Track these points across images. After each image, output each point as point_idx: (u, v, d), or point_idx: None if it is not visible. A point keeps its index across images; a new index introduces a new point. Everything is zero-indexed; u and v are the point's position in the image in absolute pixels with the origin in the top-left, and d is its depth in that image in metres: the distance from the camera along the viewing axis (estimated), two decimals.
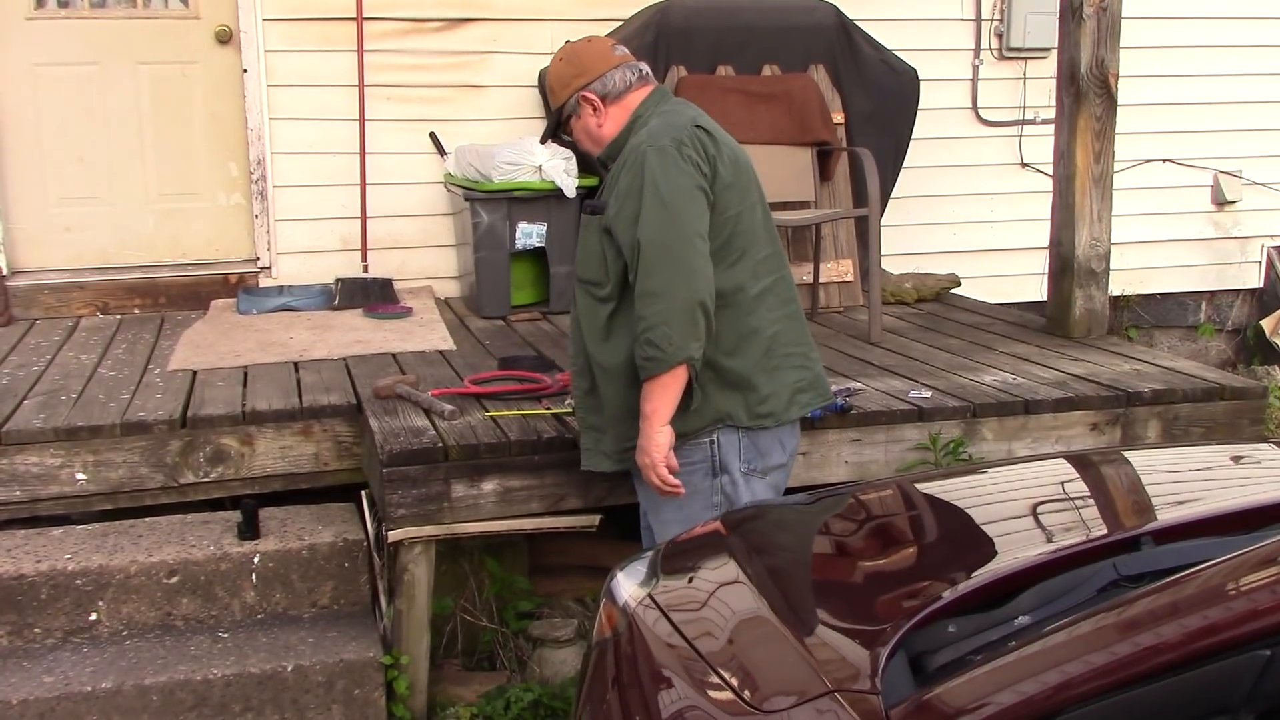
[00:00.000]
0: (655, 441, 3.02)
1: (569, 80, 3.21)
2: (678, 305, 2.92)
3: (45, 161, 5.64)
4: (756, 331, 3.11)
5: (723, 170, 3.04)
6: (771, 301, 3.15)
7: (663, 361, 2.95)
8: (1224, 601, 1.69)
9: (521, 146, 5.33)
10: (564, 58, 3.26)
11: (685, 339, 2.93)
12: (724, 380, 3.10)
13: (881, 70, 5.79)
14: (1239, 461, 3.00)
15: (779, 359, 3.16)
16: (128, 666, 3.44)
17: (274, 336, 4.98)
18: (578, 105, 3.19)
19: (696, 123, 3.07)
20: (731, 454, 3.13)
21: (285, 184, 5.74)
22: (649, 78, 3.24)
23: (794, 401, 3.20)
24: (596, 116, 3.19)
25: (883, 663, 1.86)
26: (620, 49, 3.27)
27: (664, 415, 3.01)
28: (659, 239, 2.94)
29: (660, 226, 2.95)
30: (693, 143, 3.01)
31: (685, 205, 2.96)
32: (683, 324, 2.93)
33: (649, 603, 2.31)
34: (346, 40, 5.66)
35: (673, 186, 2.96)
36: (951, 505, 2.78)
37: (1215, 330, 7.19)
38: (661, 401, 3.00)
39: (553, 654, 3.93)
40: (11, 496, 3.84)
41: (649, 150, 3.00)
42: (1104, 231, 4.94)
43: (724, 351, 3.08)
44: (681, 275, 2.93)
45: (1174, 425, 4.19)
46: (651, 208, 2.96)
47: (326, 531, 3.82)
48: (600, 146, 3.23)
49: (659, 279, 2.94)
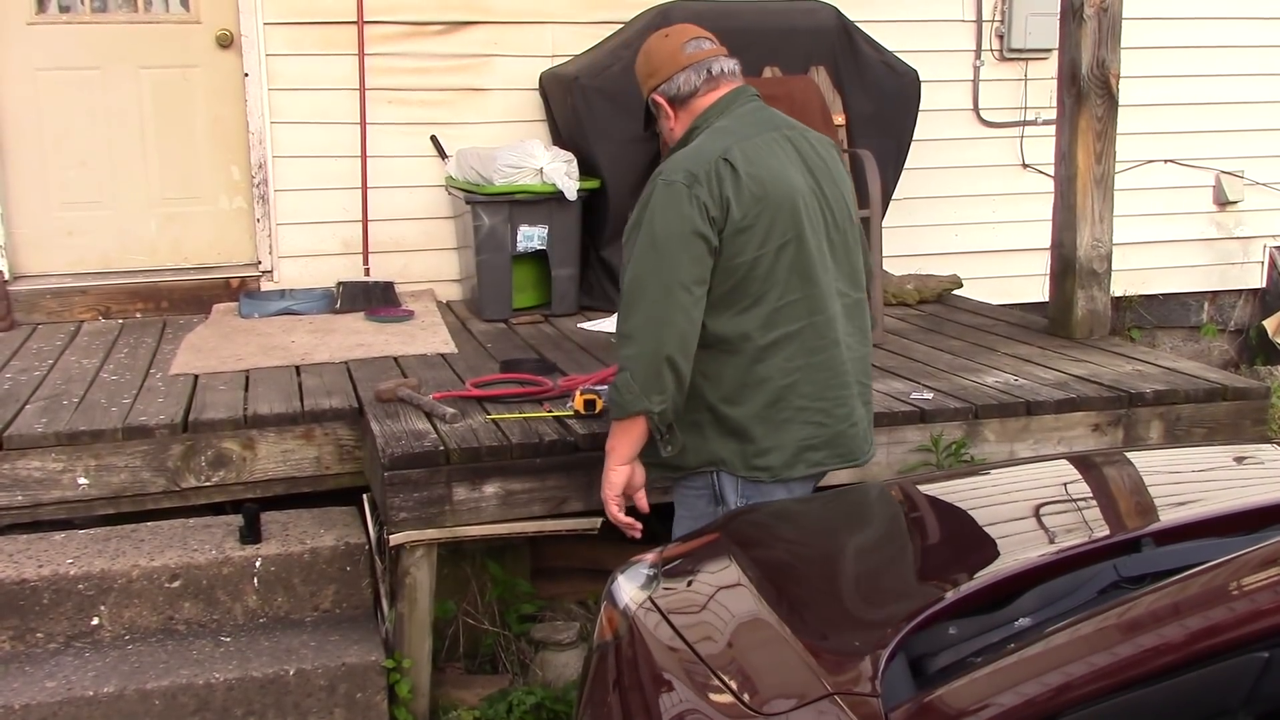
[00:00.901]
0: (608, 479, 3.03)
1: (643, 80, 3.14)
2: (644, 355, 2.85)
3: (47, 166, 5.65)
4: (764, 381, 2.95)
5: (736, 212, 2.86)
6: (791, 351, 2.95)
7: (620, 406, 2.91)
8: (1224, 603, 1.69)
9: (523, 149, 5.33)
10: (642, 53, 3.16)
11: (646, 391, 2.85)
12: (722, 426, 3.00)
13: (883, 72, 5.79)
14: (1241, 462, 2.99)
15: (790, 412, 2.97)
16: (130, 671, 3.44)
17: (275, 340, 4.98)
18: (654, 107, 3.12)
19: (726, 154, 2.89)
20: (730, 489, 3.04)
21: (287, 188, 5.74)
22: (721, 78, 3.07)
23: (800, 459, 3.01)
24: (668, 120, 3.11)
25: (883, 665, 1.86)
26: (694, 44, 3.10)
27: (621, 455, 2.99)
28: (641, 280, 2.87)
29: (644, 268, 2.86)
30: (708, 180, 2.85)
31: (675, 250, 2.84)
32: (645, 376, 2.85)
33: (650, 606, 2.31)
34: (347, 44, 5.66)
35: (667, 229, 2.84)
36: (953, 507, 2.79)
37: (1218, 330, 7.18)
38: (619, 441, 2.99)
39: (555, 657, 3.93)
40: (13, 501, 3.85)
41: (660, 183, 2.89)
42: (1106, 232, 4.93)
43: (723, 398, 2.97)
44: (653, 325, 2.84)
45: (1176, 426, 4.18)
46: (643, 248, 2.87)
47: (328, 535, 3.82)
48: (671, 141, 3.16)
49: (633, 322, 2.87)
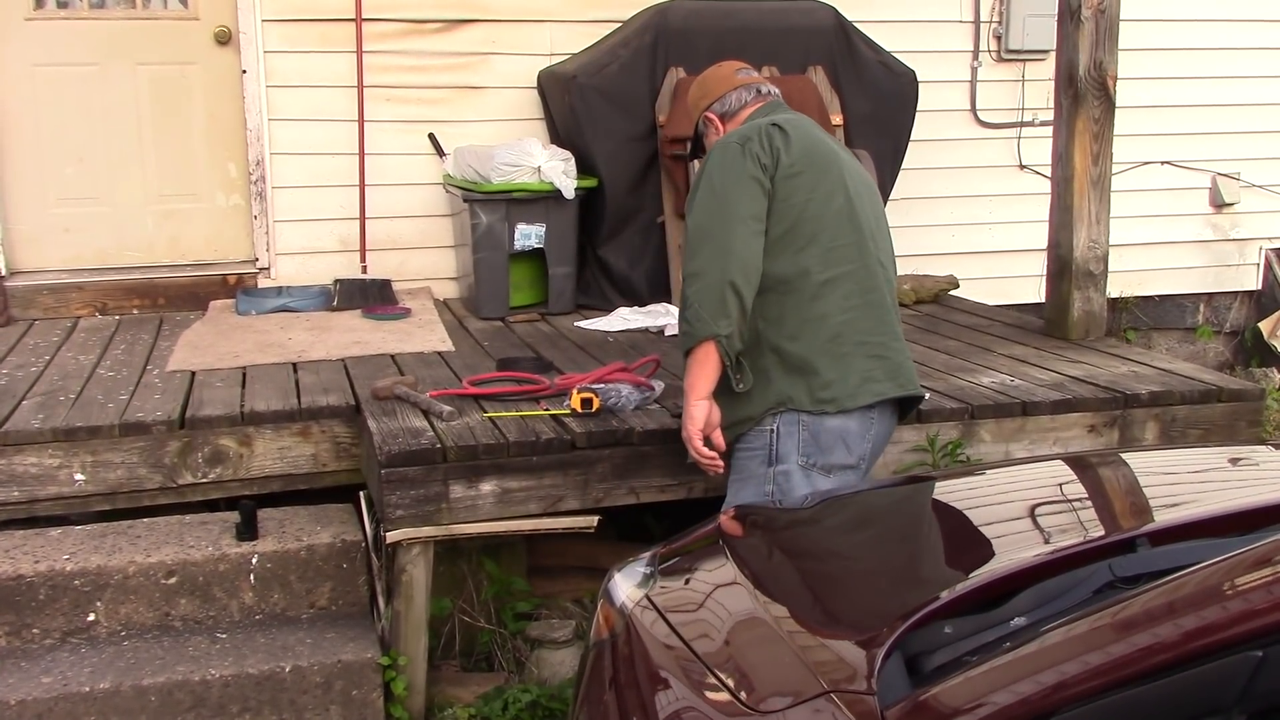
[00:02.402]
0: (690, 414, 3.17)
1: (698, 102, 3.51)
2: (710, 284, 3.07)
3: (44, 162, 5.65)
4: (824, 317, 3.18)
5: (786, 160, 3.15)
6: (847, 289, 3.20)
7: (690, 335, 3.11)
8: (1218, 602, 1.70)
9: (520, 148, 5.33)
10: (697, 82, 3.56)
11: (714, 316, 3.06)
12: (787, 364, 3.19)
13: (880, 72, 5.79)
14: (1236, 464, 3.00)
15: (850, 346, 3.20)
16: (126, 667, 3.44)
17: (272, 337, 4.98)
18: (705, 124, 3.48)
19: (774, 121, 3.23)
20: (790, 445, 3.20)
21: (284, 185, 5.74)
22: (764, 95, 3.45)
23: (863, 389, 3.20)
24: (718, 134, 3.43)
25: (879, 663, 1.87)
26: (744, 71, 3.51)
27: (700, 390, 3.15)
28: (703, 223, 3.14)
29: (706, 212, 3.14)
30: (759, 137, 3.17)
31: (732, 191, 3.12)
32: (712, 302, 3.06)
33: (646, 604, 2.32)
34: (345, 41, 5.66)
35: (725, 176, 3.14)
36: (949, 507, 2.79)
37: (1213, 332, 7.20)
38: (696, 377, 3.15)
39: (551, 655, 3.93)
40: (10, 497, 3.85)
41: (716, 147, 3.25)
42: (1102, 233, 4.94)
43: (787, 335, 3.19)
44: (717, 256, 3.09)
45: (1172, 427, 4.19)
46: (704, 195, 3.17)
47: (325, 532, 3.82)
48: None
49: (699, 260, 3.11)
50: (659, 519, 4.20)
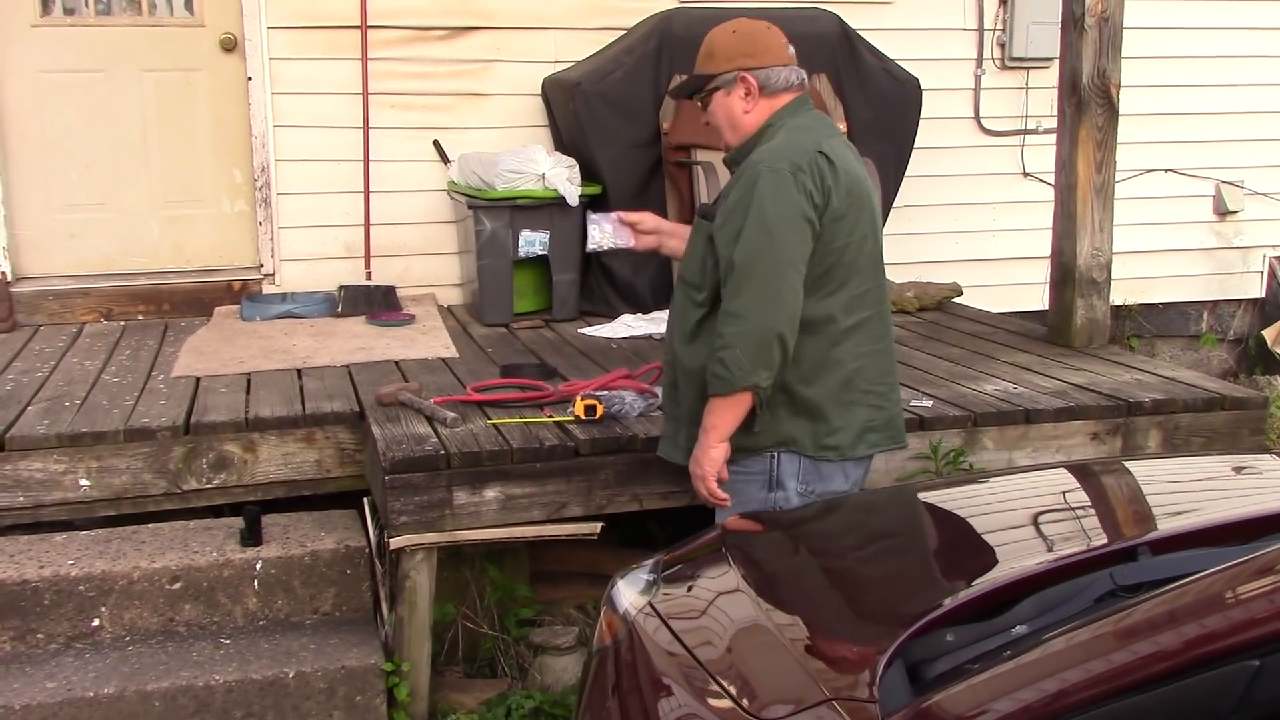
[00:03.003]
0: (709, 455, 3.04)
1: (735, 55, 3.13)
2: (754, 331, 2.93)
3: (50, 168, 5.66)
4: (839, 363, 3.09)
5: (836, 201, 2.99)
6: (861, 336, 3.12)
7: (728, 383, 2.96)
8: (1218, 611, 1.70)
9: (525, 154, 5.34)
10: (738, 32, 3.18)
11: (754, 366, 2.93)
12: (796, 406, 3.09)
13: (884, 79, 5.80)
14: (1239, 472, 3.00)
15: (856, 394, 3.12)
16: (130, 672, 3.45)
17: (277, 343, 4.99)
18: (734, 82, 3.12)
19: (820, 148, 3.02)
20: (789, 473, 3.12)
21: (289, 191, 5.75)
22: (803, 86, 3.19)
23: (862, 439, 3.15)
24: (746, 102, 3.13)
25: (880, 671, 1.87)
26: (791, 49, 3.20)
27: (723, 432, 3.03)
28: (752, 262, 2.94)
29: (756, 249, 2.94)
30: (811, 169, 2.97)
31: (786, 233, 2.94)
32: (755, 351, 2.93)
33: (649, 611, 2.32)
34: (350, 48, 5.67)
35: (778, 212, 2.94)
36: (951, 514, 2.80)
37: (1217, 340, 7.19)
38: (722, 419, 3.02)
39: (554, 661, 3.93)
40: (15, 502, 3.85)
41: (764, 170, 2.97)
42: (1105, 241, 4.94)
43: (801, 378, 3.07)
44: (765, 303, 2.94)
45: (1175, 435, 4.19)
46: (753, 229, 2.95)
47: (329, 538, 3.83)
48: (735, 132, 3.17)
49: (743, 301, 2.95)
50: (662, 526, 4.20)
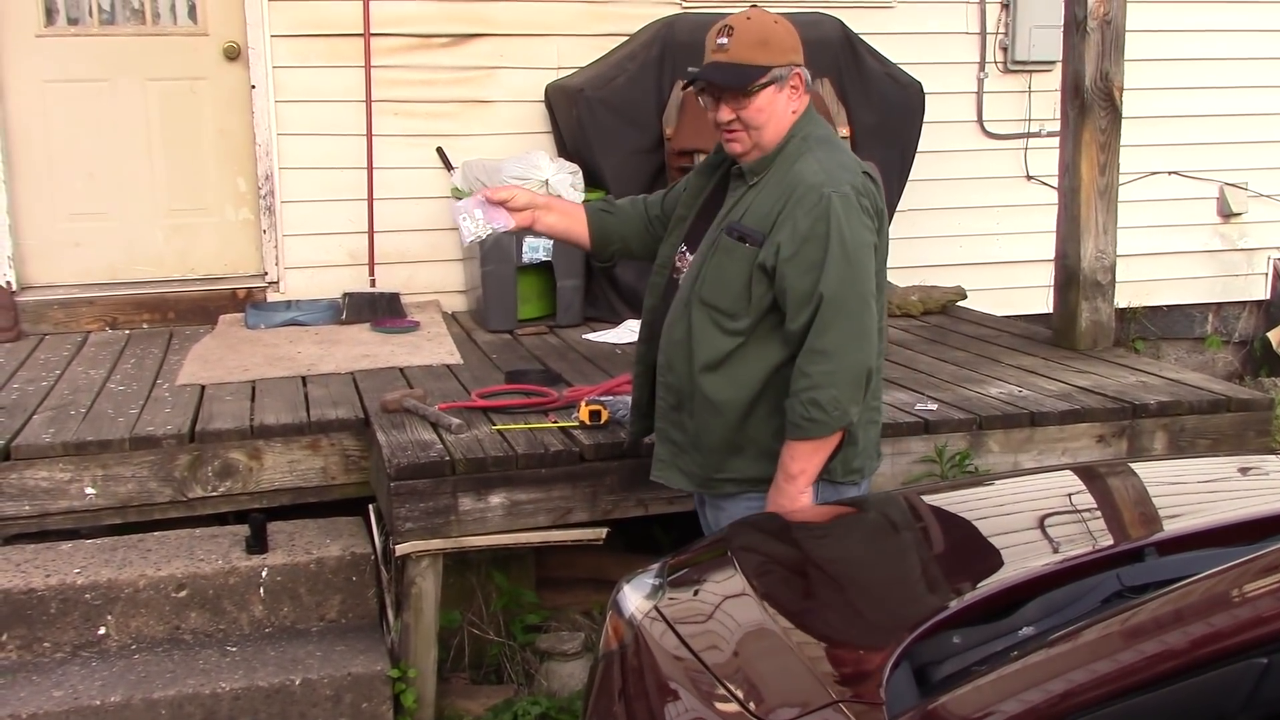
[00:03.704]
0: (800, 504, 2.89)
1: (789, 50, 2.94)
2: (848, 368, 2.82)
3: (55, 177, 5.67)
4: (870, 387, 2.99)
5: (883, 224, 2.96)
6: (880, 348, 3.04)
7: (826, 425, 2.83)
8: (1225, 609, 1.70)
9: (528, 161, 5.35)
10: (780, 22, 2.95)
11: (850, 403, 2.83)
12: None
13: (886, 84, 5.80)
14: (1245, 473, 3.00)
15: (870, 413, 3.05)
16: (136, 680, 3.45)
17: (282, 351, 5.00)
18: (787, 76, 2.92)
19: (862, 166, 2.95)
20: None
21: (293, 199, 5.76)
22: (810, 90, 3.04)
23: (877, 454, 3.15)
24: (793, 100, 2.95)
25: (887, 673, 1.87)
26: None
27: (813, 475, 2.90)
28: (840, 296, 2.81)
29: (843, 283, 2.82)
30: (867, 192, 2.90)
31: (864, 262, 2.85)
32: (850, 389, 2.83)
33: (655, 615, 2.32)
34: (354, 56, 5.68)
35: (857, 241, 2.84)
36: (957, 517, 2.79)
37: (1222, 342, 7.18)
38: (811, 462, 2.88)
39: (560, 667, 3.93)
40: (21, 511, 3.86)
41: (834, 196, 2.83)
42: (1109, 244, 4.94)
43: None
44: (855, 338, 2.83)
45: (1180, 437, 4.19)
46: (837, 261, 2.81)
47: (334, 545, 3.83)
48: (774, 136, 2.95)
49: (833, 338, 2.82)
50: (667, 531, 4.20)
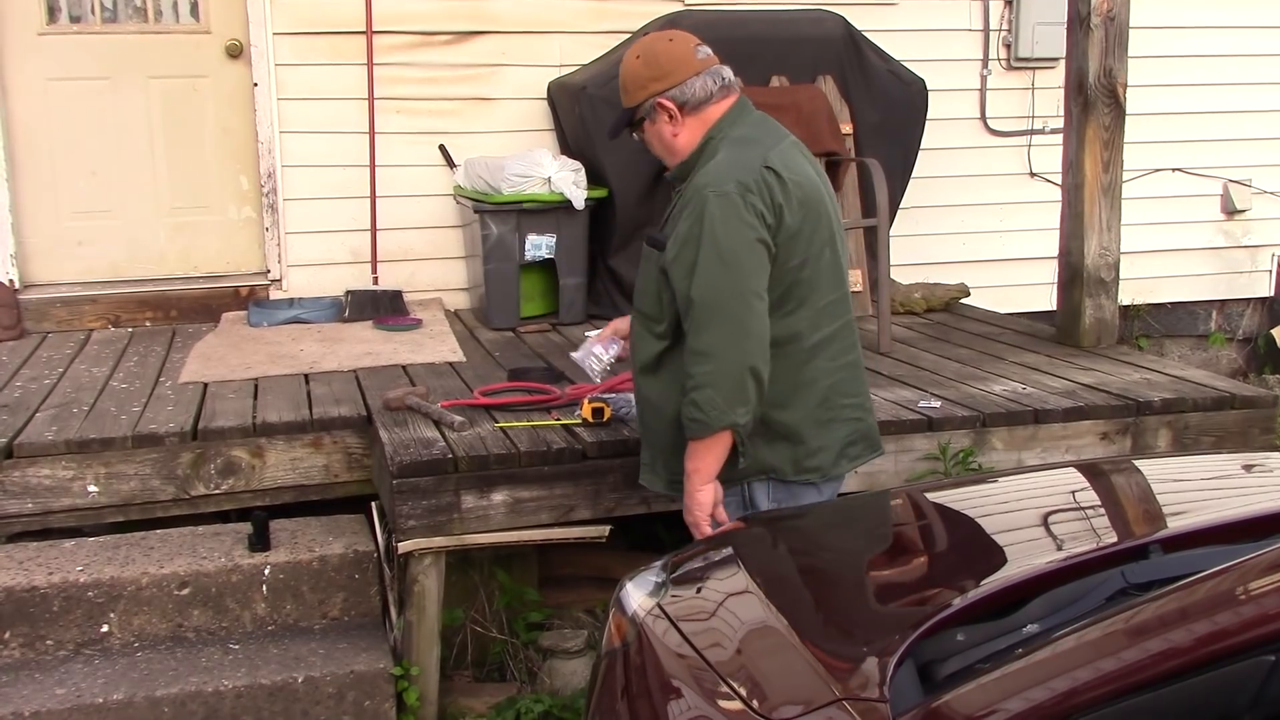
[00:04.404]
0: (697, 500, 2.93)
1: (645, 83, 3.00)
2: (726, 369, 2.81)
3: (57, 176, 5.67)
4: (813, 383, 2.98)
5: (789, 218, 2.87)
6: (832, 350, 3.02)
7: (705, 425, 2.84)
8: (1231, 607, 1.69)
9: (530, 158, 5.34)
10: (641, 56, 3.04)
11: (730, 405, 2.81)
12: (772, 433, 2.97)
13: (889, 81, 5.79)
14: (1249, 470, 2.99)
15: (834, 410, 3.01)
16: (139, 678, 3.45)
17: (284, 349, 5.00)
18: (653, 110, 3.00)
19: (767, 162, 2.88)
20: (761, 497, 3.04)
21: (295, 197, 5.76)
22: (732, 87, 3.04)
23: (843, 455, 3.07)
24: (673, 125, 3.00)
25: (891, 671, 1.87)
26: (704, 50, 3.07)
27: (707, 474, 2.91)
28: (712, 297, 2.81)
29: (714, 284, 2.81)
30: (759, 188, 2.84)
31: (743, 261, 2.82)
32: (729, 389, 2.81)
33: (658, 613, 2.32)
34: (356, 54, 5.68)
35: (732, 240, 2.81)
36: (961, 514, 2.79)
37: (1226, 339, 7.17)
38: (704, 461, 2.90)
39: (563, 665, 3.93)
40: (24, 509, 3.86)
41: (711, 196, 2.83)
42: (1113, 241, 4.93)
43: (775, 403, 2.94)
44: (733, 337, 2.81)
45: (1184, 434, 4.18)
46: (707, 261, 2.81)
47: (337, 543, 3.83)
48: (674, 157, 3.04)
49: (709, 338, 2.82)
50: (670, 528, 4.19)
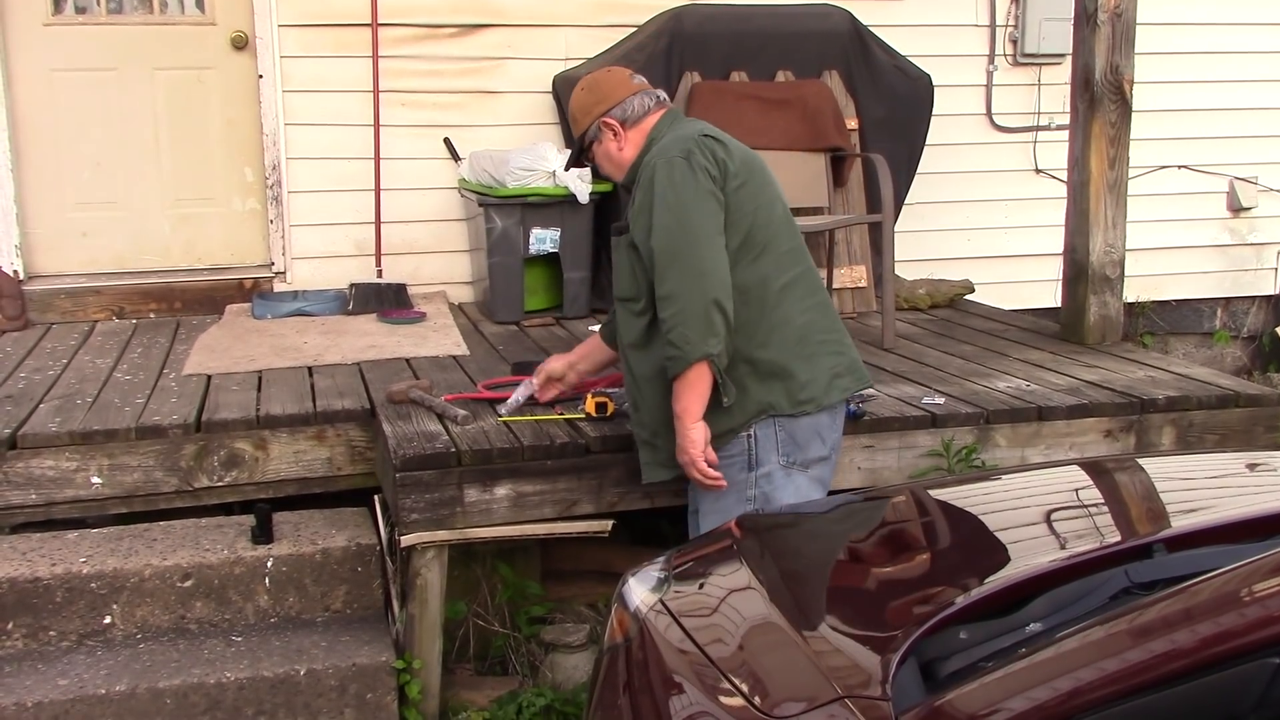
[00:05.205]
0: (690, 438, 3.15)
1: (590, 108, 3.38)
2: (691, 305, 3.05)
3: (62, 167, 5.67)
4: (787, 322, 3.22)
5: (734, 169, 3.16)
6: (799, 292, 3.25)
7: (681, 359, 3.08)
8: (1236, 608, 1.69)
9: (535, 152, 5.34)
10: (585, 87, 3.43)
11: (701, 336, 3.05)
12: (760, 372, 3.20)
13: (895, 76, 5.79)
14: (1254, 469, 2.99)
15: (814, 345, 3.26)
16: (142, 669, 3.45)
17: (288, 341, 5.00)
18: (599, 131, 3.36)
19: (704, 132, 3.21)
20: (769, 448, 3.23)
21: (300, 189, 5.76)
22: (664, 102, 3.41)
23: (833, 385, 3.28)
24: (617, 140, 3.35)
25: (893, 669, 1.86)
26: (638, 78, 3.44)
27: (695, 413, 3.14)
28: (668, 243, 3.09)
29: (669, 233, 3.09)
30: (700, 150, 3.13)
31: (693, 209, 3.09)
32: (698, 324, 3.05)
33: (660, 608, 2.32)
34: (361, 46, 5.68)
35: (680, 194, 3.10)
36: (964, 512, 2.78)
37: (1230, 337, 7.16)
38: (689, 400, 3.13)
39: (565, 659, 3.93)
40: (27, 500, 3.86)
41: (658, 164, 3.15)
42: (1119, 238, 4.93)
43: (757, 344, 3.19)
44: (691, 276, 3.06)
45: (1188, 432, 4.17)
46: (660, 214, 3.11)
47: (340, 536, 3.83)
48: (621, 170, 3.38)
49: (672, 282, 3.08)
50: (674, 524, 4.19)
